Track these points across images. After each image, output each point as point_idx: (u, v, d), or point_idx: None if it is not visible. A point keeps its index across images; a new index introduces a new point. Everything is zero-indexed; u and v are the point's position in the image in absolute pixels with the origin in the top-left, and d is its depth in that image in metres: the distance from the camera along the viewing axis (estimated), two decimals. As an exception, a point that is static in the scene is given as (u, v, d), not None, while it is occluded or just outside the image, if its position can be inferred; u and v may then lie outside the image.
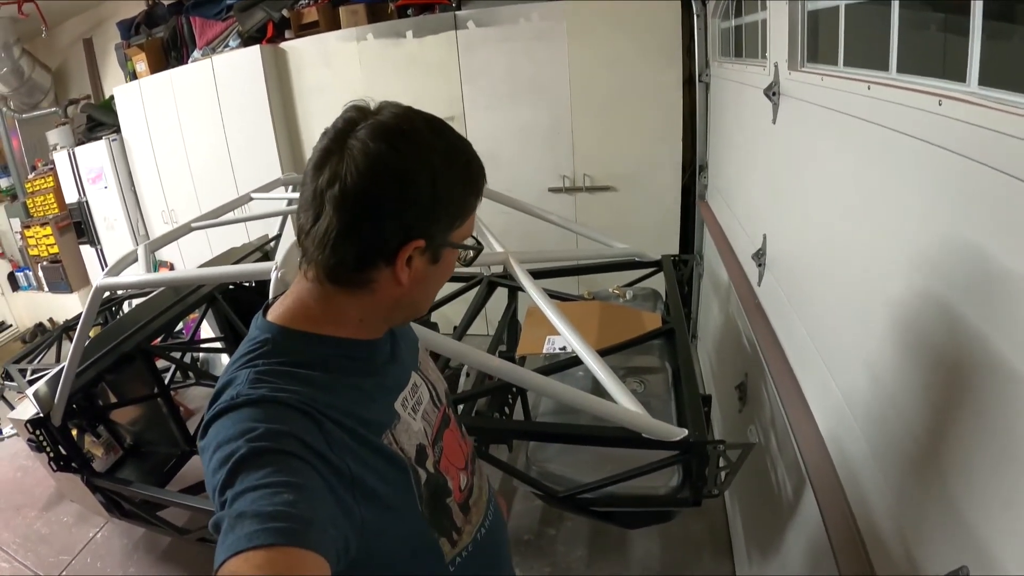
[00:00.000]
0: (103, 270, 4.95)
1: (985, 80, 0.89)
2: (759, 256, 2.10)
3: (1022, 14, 0.95)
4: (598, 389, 1.64)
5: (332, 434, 0.70)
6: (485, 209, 2.48)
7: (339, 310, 0.78)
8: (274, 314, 0.80)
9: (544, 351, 1.99)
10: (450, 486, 0.89)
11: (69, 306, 5.26)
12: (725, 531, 2.57)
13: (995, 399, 0.84)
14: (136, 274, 2.08)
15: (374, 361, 0.84)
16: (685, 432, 1.42)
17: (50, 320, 5.59)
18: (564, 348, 1.94)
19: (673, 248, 3.71)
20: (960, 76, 0.94)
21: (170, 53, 4.71)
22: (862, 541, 1.20)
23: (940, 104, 0.93)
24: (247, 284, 3.23)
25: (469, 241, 0.83)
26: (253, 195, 2.82)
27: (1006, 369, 0.80)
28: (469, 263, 0.86)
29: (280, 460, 0.63)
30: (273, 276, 1.54)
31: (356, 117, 0.73)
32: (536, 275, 2.19)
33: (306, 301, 0.79)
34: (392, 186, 0.71)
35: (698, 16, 3.22)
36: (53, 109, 5.42)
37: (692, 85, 3.45)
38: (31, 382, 2.63)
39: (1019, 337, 0.78)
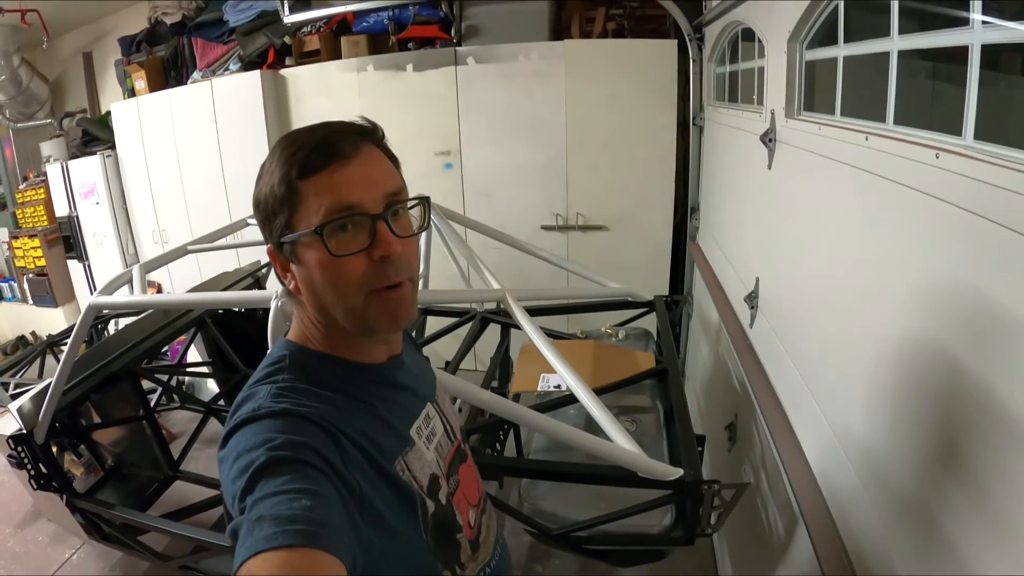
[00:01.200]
0: (90, 286, 5.01)
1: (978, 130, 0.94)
2: (751, 298, 2.13)
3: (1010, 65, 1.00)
4: (590, 427, 1.66)
5: (347, 451, 0.72)
6: (477, 245, 2.54)
7: (312, 323, 0.82)
8: (292, 333, 0.85)
9: (539, 389, 2.00)
10: (459, 521, 0.89)
11: (53, 320, 5.18)
12: (713, 568, 2.56)
13: (983, 436, 0.88)
14: (131, 295, 2.07)
15: (384, 387, 0.86)
16: (681, 472, 1.44)
17: (32, 333, 5.50)
18: (559, 386, 1.95)
19: (662, 288, 3.75)
20: (953, 127, 0.99)
21: (170, 72, 4.73)
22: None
23: (937, 157, 0.97)
24: (237, 310, 3.22)
25: (316, 221, 0.74)
26: (249, 220, 2.82)
27: (995, 407, 0.85)
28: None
29: (299, 469, 0.65)
30: (273, 305, 1.55)
31: None
32: (529, 313, 2.22)
33: (302, 318, 0.84)
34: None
35: (694, 60, 3.31)
36: (49, 120, 5.41)
37: (686, 128, 3.53)
38: (14, 397, 2.59)
39: (1011, 379, 0.82)
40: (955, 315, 0.97)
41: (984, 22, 0.92)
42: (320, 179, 0.74)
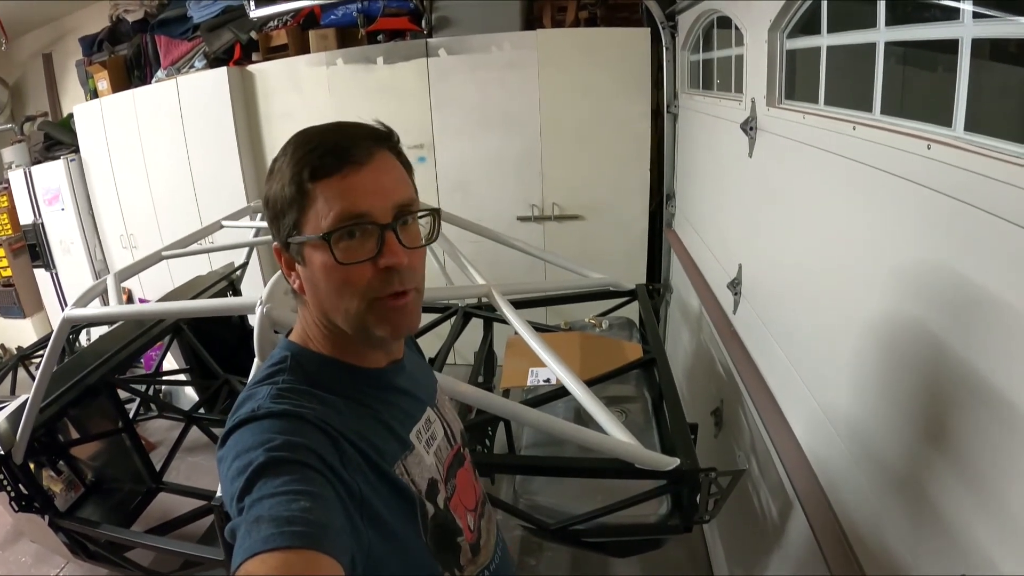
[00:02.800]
0: (58, 295, 4.88)
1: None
2: (735, 285, 2.15)
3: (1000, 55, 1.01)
4: (581, 420, 1.66)
5: (347, 453, 0.72)
6: (455, 238, 2.51)
7: (315, 324, 0.82)
8: (294, 334, 0.85)
9: (528, 383, 1.99)
10: (459, 524, 0.89)
11: (22, 332, 5.04)
12: (704, 553, 2.60)
13: (966, 410, 0.91)
14: (106, 306, 2.02)
15: (386, 391, 0.86)
16: (678, 461, 1.44)
17: (1, 346, 5.35)
18: (548, 380, 1.95)
19: (640, 275, 3.77)
20: (941, 117, 1.00)
21: (133, 72, 4.60)
22: (851, 548, 1.24)
23: (929, 148, 0.98)
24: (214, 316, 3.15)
25: (325, 224, 0.73)
26: (224, 223, 2.77)
27: (976, 381, 0.88)
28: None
29: (298, 470, 0.65)
30: (258, 311, 1.52)
31: None
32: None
33: (305, 318, 0.84)
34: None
35: (667, 48, 3.31)
36: (9, 126, 5.22)
37: (660, 116, 3.54)
38: (-12, 415, 2.51)
39: (1000, 361, 0.84)
40: (940, 298, 0.99)
41: (975, 15, 0.92)
42: (331, 183, 0.73)
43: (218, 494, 1.55)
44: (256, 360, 1.53)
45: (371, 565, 0.70)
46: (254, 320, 1.53)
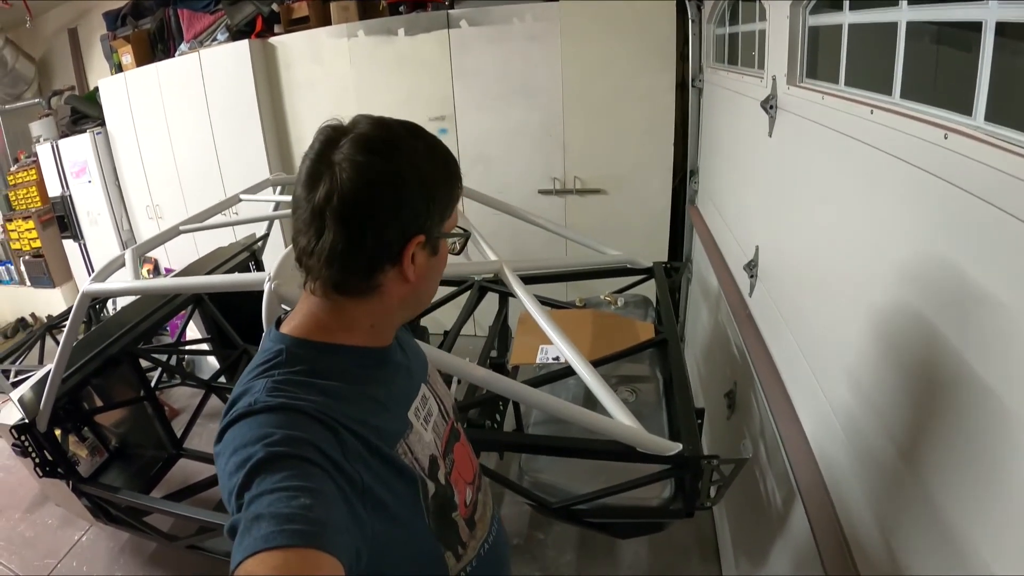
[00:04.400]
0: (86, 265, 4.99)
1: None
2: (751, 267, 2.11)
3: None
4: (590, 397, 1.65)
5: (347, 443, 0.72)
6: (474, 212, 2.50)
7: (351, 318, 0.81)
8: (287, 327, 0.83)
9: (537, 361, 1.99)
10: (456, 500, 0.90)
11: (52, 301, 5.18)
12: (712, 536, 2.59)
13: (971, 408, 0.89)
14: (124, 280, 2.05)
15: (386, 369, 0.86)
16: (680, 447, 1.43)
17: (32, 315, 5.51)
18: (557, 358, 1.94)
19: (662, 252, 3.73)
20: (962, 104, 0.95)
21: (157, 46, 4.63)
22: (848, 547, 1.23)
23: (946, 138, 0.93)
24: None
25: (457, 229, 0.86)
26: (242, 196, 2.79)
27: (977, 379, 0.86)
28: (459, 251, 0.89)
29: (297, 465, 0.64)
30: (266, 287, 1.53)
31: (334, 135, 0.75)
32: (526, 280, 2.19)
33: (317, 314, 0.81)
34: (387, 191, 0.74)
35: (693, 21, 3.22)
36: (36, 100, 5.33)
37: (685, 89, 3.46)
38: (15, 384, 2.59)
39: (997, 358, 0.82)
40: (943, 296, 0.96)
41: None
42: (459, 196, 0.85)
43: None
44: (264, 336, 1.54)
45: (376, 552, 0.70)
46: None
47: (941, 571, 0.90)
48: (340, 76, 3.92)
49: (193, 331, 3.48)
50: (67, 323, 2.04)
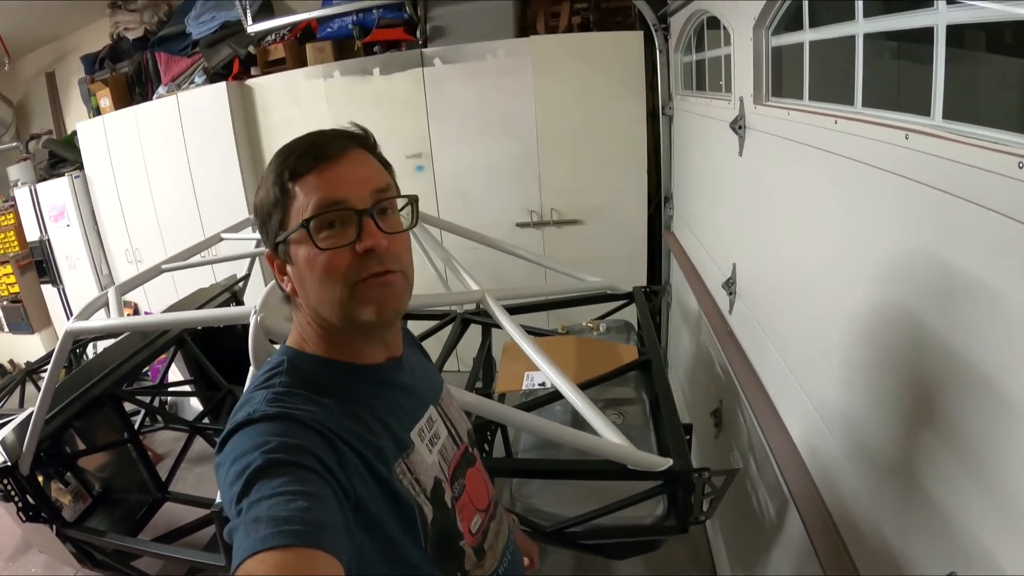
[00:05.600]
0: (65, 310, 4.93)
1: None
2: (729, 285, 2.16)
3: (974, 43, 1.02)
4: (577, 422, 1.66)
5: (344, 455, 0.72)
6: (453, 245, 2.53)
7: (309, 325, 0.84)
8: (291, 339, 0.87)
9: (523, 387, 2.00)
10: (460, 527, 0.89)
11: (30, 347, 5.09)
12: (708, 553, 2.60)
13: (957, 397, 0.92)
14: (107, 319, 2.04)
15: (384, 387, 0.86)
16: (671, 462, 1.45)
17: (10, 362, 5.40)
18: (543, 384, 1.96)
19: (641, 278, 3.77)
20: (922, 106, 1.01)
21: (135, 89, 4.65)
22: (847, 552, 1.25)
23: (907, 138, 0.99)
24: (217, 326, 3.18)
25: (309, 224, 0.76)
26: (223, 235, 2.80)
27: (964, 369, 0.89)
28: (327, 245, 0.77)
29: (294, 471, 0.65)
30: (252, 320, 1.53)
31: None
32: (508, 310, 2.21)
33: (299, 322, 0.85)
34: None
35: (660, 51, 3.33)
36: (14, 144, 5.30)
37: (656, 118, 3.55)
38: (-6, 428, 2.54)
39: (986, 346, 0.85)
40: (924, 287, 1.00)
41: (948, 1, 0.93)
42: (309, 179, 0.77)
43: (217, 500, 1.57)
44: (252, 368, 1.55)
45: (362, 566, 0.70)
46: (253, 329, 1.55)
47: (943, 566, 0.92)
48: (317, 116, 3.94)
49: (175, 374, 3.44)
50: (48, 365, 2.02)
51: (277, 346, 1.52)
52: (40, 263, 4.97)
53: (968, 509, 0.88)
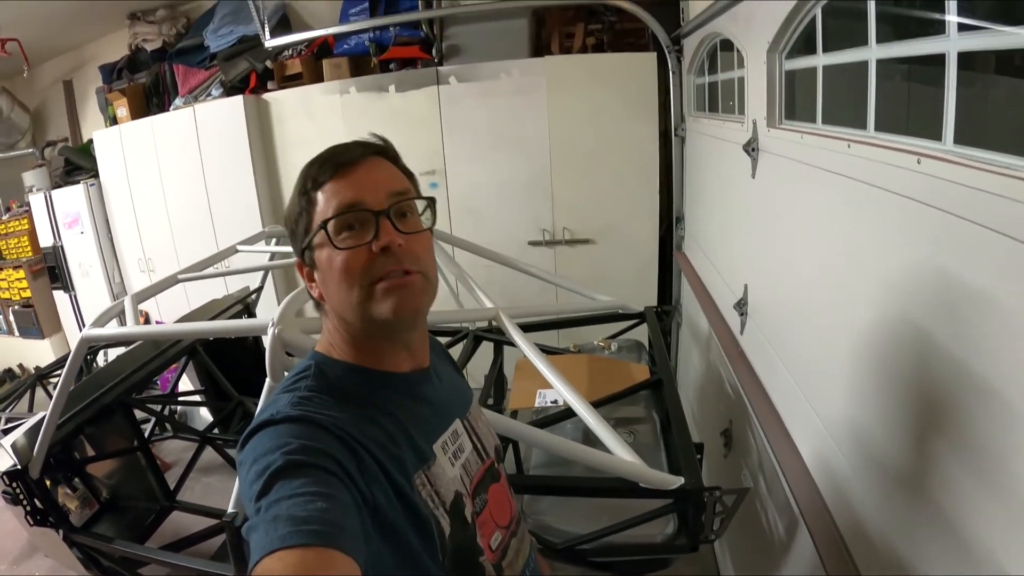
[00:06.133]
0: (76, 317, 4.96)
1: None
2: (741, 305, 2.16)
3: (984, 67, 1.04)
4: (589, 440, 1.67)
5: (364, 462, 0.73)
6: (466, 263, 2.54)
7: (335, 330, 0.86)
8: (319, 344, 0.89)
9: (536, 404, 2.01)
10: (480, 544, 0.88)
11: (40, 352, 5.12)
12: (715, 571, 2.58)
13: (966, 412, 0.93)
14: (123, 327, 2.07)
15: (409, 396, 0.87)
16: (682, 480, 1.45)
17: (19, 366, 5.43)
18: (555, 401, 1.97)
19: (652, 298, 3.78)
20: (932, 130, 1.03)
21: (151, 99, 4.72)
22: (855, 568, 1.25)
23: (919, 163, 1.01)
24: (229, 337, 3.21)
25: (329, 229, 0.80)
26: (239, 247, 2.83)
27: (973, 383, 0.90)
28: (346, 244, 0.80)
29: (314, 473, 0.66)
30: (270, 332, 1.55)
31: None
32: (521, 328, 2.23)
33: (327, 327, 0.88)
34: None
35: (673, 72, 3.36)
36: (30, 150, 5.38)
37: (668, 139, 3.58)
38: (5, 432, 2.56)
39: (992, 360, 0.87)
40: (934, 308, 1.01)
41: (960, 26, 0.95)
42: (329, 186, 0.81)
43: (228, 510, 1.58)
44: (268, 381, 1.56)
45: (380, 574, 0.71)
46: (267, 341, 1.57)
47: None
48: (333, 131, 3.96)
49: (186, 384, 3.46)
50: (60, 371, 2.04)
51: (294, 359, 1.54)
52: (52, 269, 5.03)
53: (979, 521, 0.88)
